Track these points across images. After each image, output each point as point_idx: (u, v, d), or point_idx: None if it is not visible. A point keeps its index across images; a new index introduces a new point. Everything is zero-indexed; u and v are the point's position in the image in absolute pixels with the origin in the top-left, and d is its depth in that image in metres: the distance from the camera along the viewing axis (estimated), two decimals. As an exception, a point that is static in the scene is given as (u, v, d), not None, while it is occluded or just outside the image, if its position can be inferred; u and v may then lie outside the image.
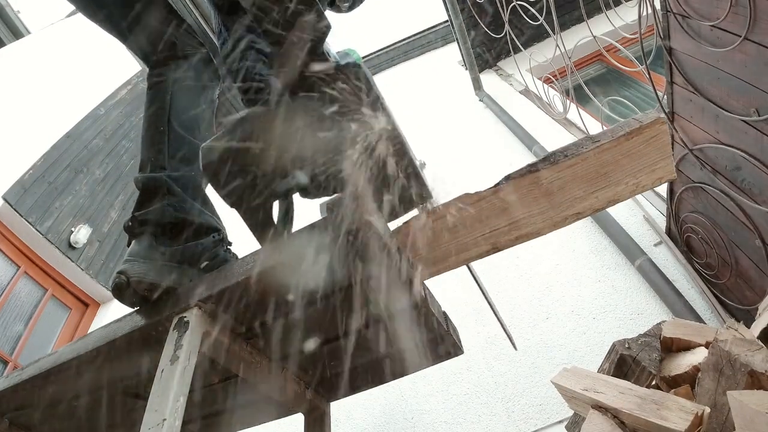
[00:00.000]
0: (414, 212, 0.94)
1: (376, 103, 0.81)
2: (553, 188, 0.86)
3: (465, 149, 3.85)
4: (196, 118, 1.15)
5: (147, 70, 1.22)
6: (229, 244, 1.16)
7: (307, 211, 1.13)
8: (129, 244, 1.05)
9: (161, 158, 1.07)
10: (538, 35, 4.15)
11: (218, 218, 1.16)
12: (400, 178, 0.86)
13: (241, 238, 1.16)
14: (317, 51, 0.80)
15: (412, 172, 0.87)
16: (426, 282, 0.97)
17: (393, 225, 0.90)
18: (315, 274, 0.85)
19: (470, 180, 3.70)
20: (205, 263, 1.06)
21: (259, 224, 0.93)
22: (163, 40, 1.17)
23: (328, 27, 0.80)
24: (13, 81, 4.66)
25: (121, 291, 0.93)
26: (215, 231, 1.11)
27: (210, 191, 1.06)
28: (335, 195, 0.90)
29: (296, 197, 1.00)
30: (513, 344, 1.04)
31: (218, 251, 1.09)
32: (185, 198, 1.07)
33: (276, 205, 0.99)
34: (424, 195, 0.92)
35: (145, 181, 1.06)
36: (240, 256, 0.95)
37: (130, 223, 1.04)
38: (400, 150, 0.84)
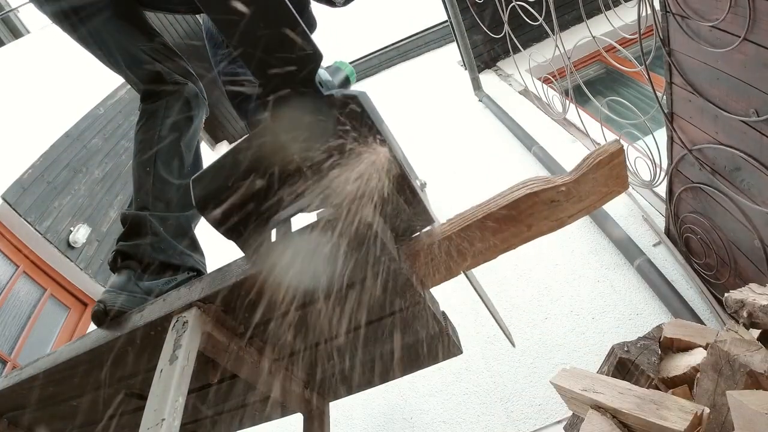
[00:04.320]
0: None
1: (374, 135, 0.76)
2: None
3: (464, 149, 3.86)
4: (181, 159, 1.23)
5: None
6: None
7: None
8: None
9: (147, 199, 1.16)
10: (537, 35, 4.15)
11: (202, 260, 1.24)
12: (400, 205, 0.83)
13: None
14: (307, 84, 0.74)
15: (412, 198, 0.84)
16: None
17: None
18: (314, 274, 0.85)
19: (470, 180, 3.69)
20: None
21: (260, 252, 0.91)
22: (149, 71, 1.24)
23: (320, 56, 0.74)
24: (12, 80, 4.65)
25: (99, 318, 1.02)
26: (194, 271, 1.18)
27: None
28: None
29: None
30: (511, 341, 1.04)
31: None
32: (167, 239, 1.15)
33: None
34: (426, 220, 0.90)
35: (132, 217, 1.15)
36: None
37: (111, 258, 1.14)
38: (399, 178, 0.80)
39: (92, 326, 1.05)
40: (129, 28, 1.24)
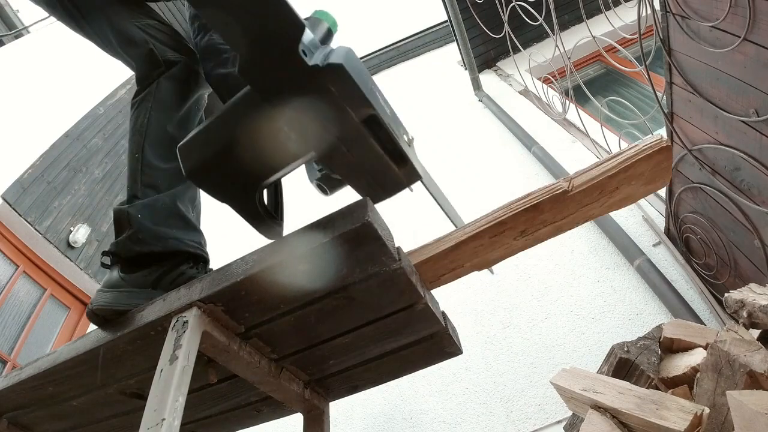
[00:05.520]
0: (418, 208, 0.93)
1: (363, 102, 0.75)
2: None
3: (464, 149, 3.86)
4: (170, 142, 1.15)
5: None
6: (204, 261, 1.18)
7: (305, 209, 1.13)
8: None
9: (136, 187, 1.13)
10: (537, 35, 4.16)
11: (197, 238, 1.18)
12: (384, 160, 0.83)
13: (240, 239, 1.16)
14: (289, 55, 0.70)
15: (397, 153, 0.83)
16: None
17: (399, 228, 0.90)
18: (313, 274, 0.85)
19: (469, 180, 3.68)
20: (171, 282, 1.09)
21: (252, 214, 0.92)
22: (142, 49, 1.19)
23: (301, 27, 0.70)
24: (12, 80, 4.65)
25: (91, 318, 1.04)
26: (182, 255, 1.14)
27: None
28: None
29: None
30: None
31: (183, 270, 1.11)
32: (147, 228, 1.11)
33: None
34: (413, 176, 0.89)
35: (115, 214, 1.14)
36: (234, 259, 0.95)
37: (101, 260, 1.14)
38: (384, 134, 0.81)
39: (92, 326, 1.05)
40: (122, 4, 1.20)
